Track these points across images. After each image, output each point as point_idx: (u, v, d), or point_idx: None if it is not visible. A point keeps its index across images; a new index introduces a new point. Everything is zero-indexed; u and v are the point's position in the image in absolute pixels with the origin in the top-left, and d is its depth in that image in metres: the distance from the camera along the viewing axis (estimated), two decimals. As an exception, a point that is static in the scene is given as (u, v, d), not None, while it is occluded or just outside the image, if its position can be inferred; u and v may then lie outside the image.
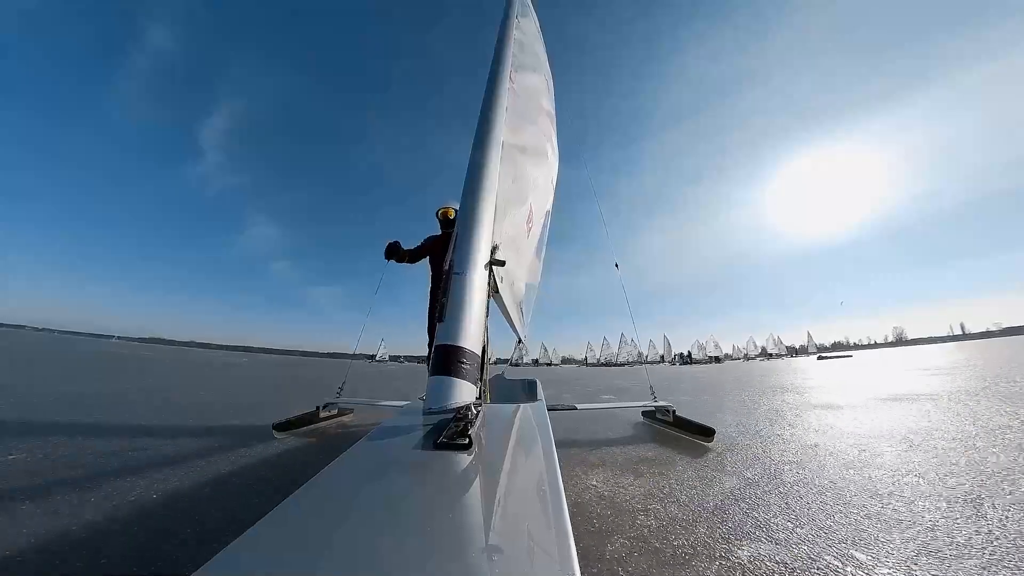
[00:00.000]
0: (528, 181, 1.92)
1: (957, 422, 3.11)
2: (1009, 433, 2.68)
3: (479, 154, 1.48)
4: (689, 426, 2.83)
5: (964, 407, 3.78)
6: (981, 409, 3.63)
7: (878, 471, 1.97)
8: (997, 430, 2.77)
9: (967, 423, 3.05)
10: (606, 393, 7.13)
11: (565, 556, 0.47)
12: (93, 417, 3.12)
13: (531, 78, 2.34)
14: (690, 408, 3.33)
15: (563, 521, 0.54)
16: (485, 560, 0.45)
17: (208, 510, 1.49)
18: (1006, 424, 2.95)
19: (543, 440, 0.88)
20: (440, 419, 0.91)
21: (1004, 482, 1.77)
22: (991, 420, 3.13)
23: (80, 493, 1.59)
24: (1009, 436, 2.59)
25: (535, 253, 2.41)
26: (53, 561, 1.11)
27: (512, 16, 2.15)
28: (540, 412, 1.14)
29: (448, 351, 1.03)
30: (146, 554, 1.16)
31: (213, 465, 2.03)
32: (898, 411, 3.73)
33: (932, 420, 3.23)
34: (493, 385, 3.01)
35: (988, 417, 3.25)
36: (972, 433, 2.72)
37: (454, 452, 0.74)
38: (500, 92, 1.71)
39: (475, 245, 1.22)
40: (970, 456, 2.19)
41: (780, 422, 3.39)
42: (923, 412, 3.60)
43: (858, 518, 1.44)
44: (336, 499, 0.60)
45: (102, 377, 6.59)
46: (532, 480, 0.73)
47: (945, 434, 2.72)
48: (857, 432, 2.88)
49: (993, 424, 2.98)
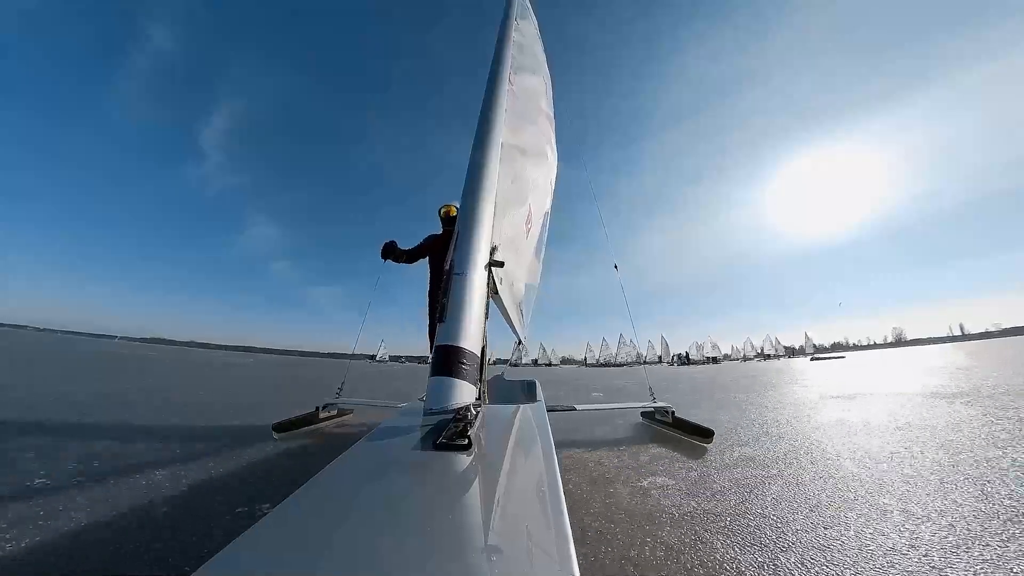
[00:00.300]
0: (527, 182, 1.92)
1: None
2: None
3: (479, 155, 1.48)
4: (688, 427, 2.84)
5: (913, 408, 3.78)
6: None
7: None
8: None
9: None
10: (602, 391, 7.20)
11: (564, 556, 0.47)
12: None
13: (530, 80, 2.35)
14: (675, 401, 3.37)
15: (562, 521, 0.54)
16: (485, 560, 0.45)
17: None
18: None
19: (542, 441, 0.88)
20: (440, 419, 0.91)
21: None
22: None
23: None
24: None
25: (534, 254, 2.42)
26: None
27: (511, 18, 2.15)
28: (539, 413, 1.14)
29: (448, 351, 1.03)
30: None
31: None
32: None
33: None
34: (493, 386, 3.02)
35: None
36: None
37: (454, 452, 0.74)
38: (500, 93, 1.71)
39: (475, 246, 1.22)
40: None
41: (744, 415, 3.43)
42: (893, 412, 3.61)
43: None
44: (336, 499, 0.61)
45: (111, 377, 6.60)
46: (531, 481, 0.73)
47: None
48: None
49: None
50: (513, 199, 1.69)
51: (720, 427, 2.98)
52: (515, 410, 1.14)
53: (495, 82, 1.76)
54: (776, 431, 3.02)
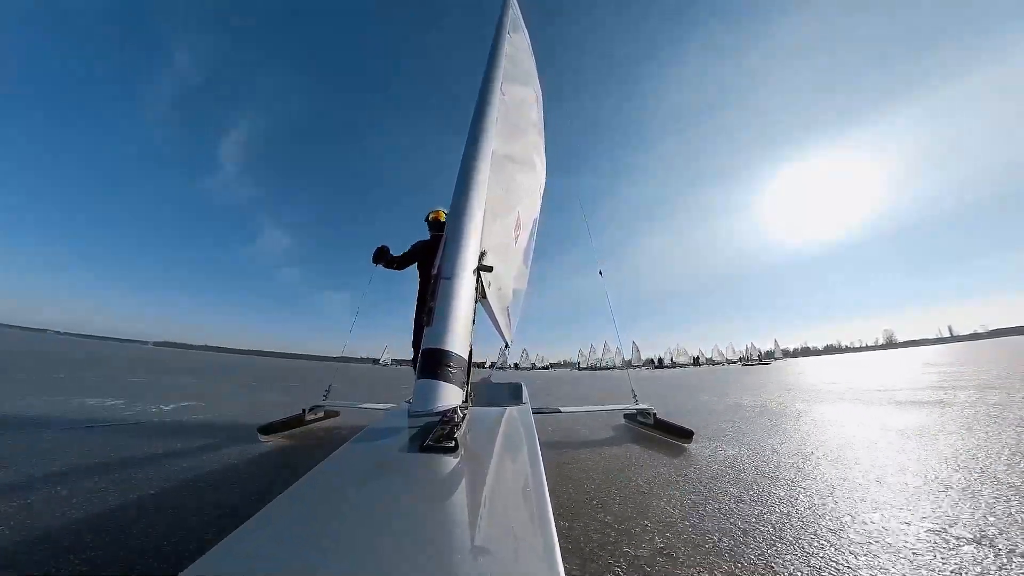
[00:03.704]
0: (517, 189, 1.95)
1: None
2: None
3: (470, 161, 1.50)
4: (669, 428, 2.91)
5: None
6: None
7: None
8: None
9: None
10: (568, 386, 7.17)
11: (550, 556, 0.48)
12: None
13: (521, 91, 2.39)
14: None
15: (547, 522, 0.55)
16: (471, 561, 0.45)
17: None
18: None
19: (528, 443, 0.90)
20: (426, 422, 0.91)
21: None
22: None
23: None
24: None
25: (522, 260, 2.44)
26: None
27: (504, 31, 2.20)
28: (525, 415, 1.15)
29: (435, 354, 1.04)
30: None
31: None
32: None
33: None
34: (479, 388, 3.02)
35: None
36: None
37: (440, 455, 0.74)
38: (491, 102, 1.74)
39: (463, 250, 1.24)
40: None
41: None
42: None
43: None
44: (323, 501, 0.60)
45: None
46: (517, 482, 0.74)
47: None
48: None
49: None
50: (502, 206, 1.71)
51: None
52: (501, 412, 1.15)
53: (487, 91, 1.79)
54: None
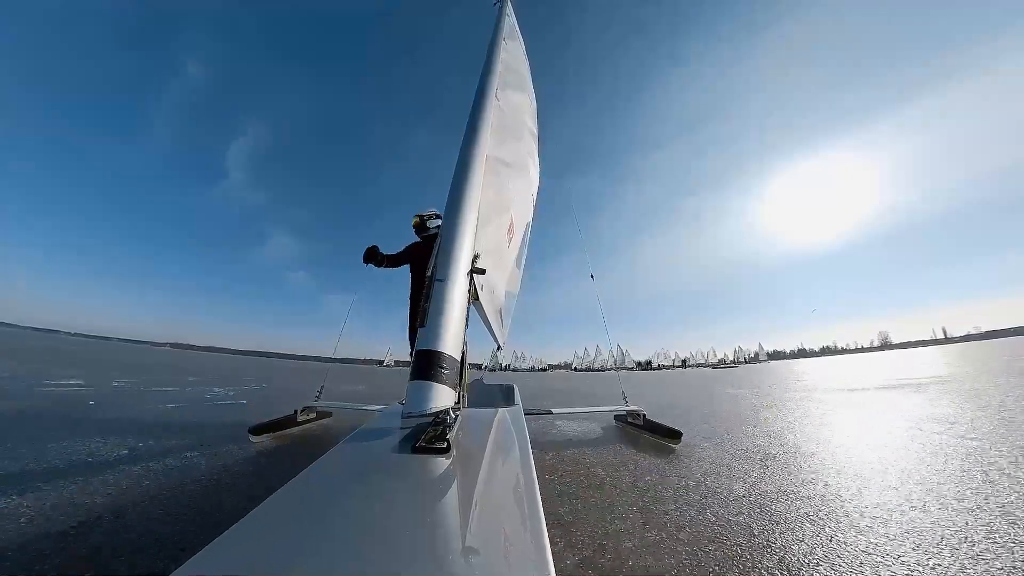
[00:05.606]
0: (510, 193, 1.97)
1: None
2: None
3: (464, 164, 1.51)
4: (658, 429, 2.95)
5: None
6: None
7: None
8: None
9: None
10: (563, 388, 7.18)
11: (541, 557, 0.49)
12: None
13: (516, 97, 2.42)
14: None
15: (538, 522, 0.56)
16: (462, 561, 0.46)
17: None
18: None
19: (520, 444, 0.90)
20: (419, 423, 0.91)
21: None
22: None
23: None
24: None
25: (515, 263, 2.46)
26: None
27: (500, 37, 2.23)
28: (517, 416, 1.16)
29: (428, 356, 1.04)
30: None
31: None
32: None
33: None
34: (472, 390, 3.02)
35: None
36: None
37: (432, 456, 0.74)
38: (487, 106, 1.76)
39: (457, 253, 1.25)
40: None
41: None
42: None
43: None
44: (314, 501, 0.61)
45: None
46: (508, 483, 0.75)
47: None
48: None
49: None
50: (496, 209, 1.72)
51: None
52: (493, 414, 1.16)
53: (483, 96, 1.81)
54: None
